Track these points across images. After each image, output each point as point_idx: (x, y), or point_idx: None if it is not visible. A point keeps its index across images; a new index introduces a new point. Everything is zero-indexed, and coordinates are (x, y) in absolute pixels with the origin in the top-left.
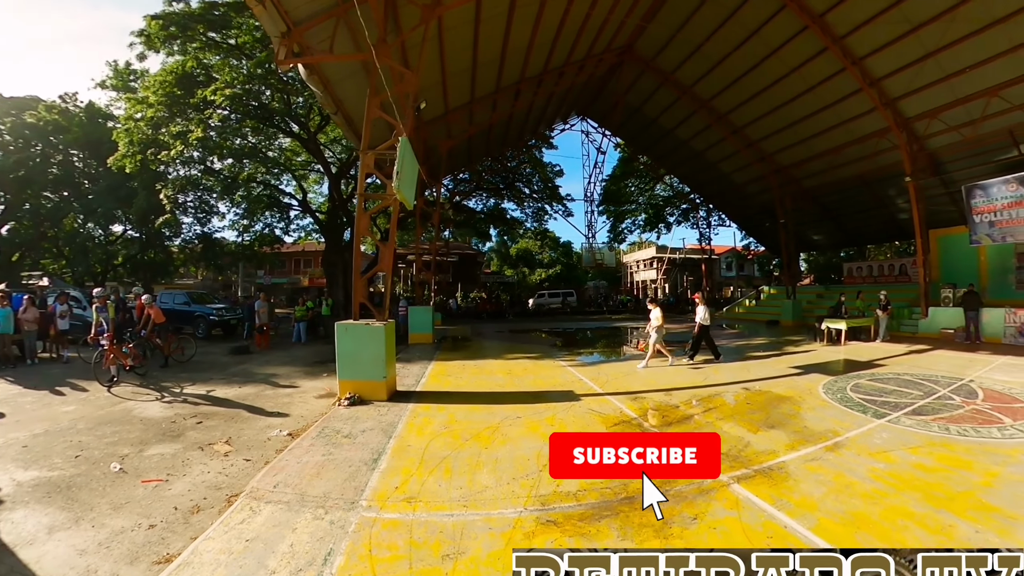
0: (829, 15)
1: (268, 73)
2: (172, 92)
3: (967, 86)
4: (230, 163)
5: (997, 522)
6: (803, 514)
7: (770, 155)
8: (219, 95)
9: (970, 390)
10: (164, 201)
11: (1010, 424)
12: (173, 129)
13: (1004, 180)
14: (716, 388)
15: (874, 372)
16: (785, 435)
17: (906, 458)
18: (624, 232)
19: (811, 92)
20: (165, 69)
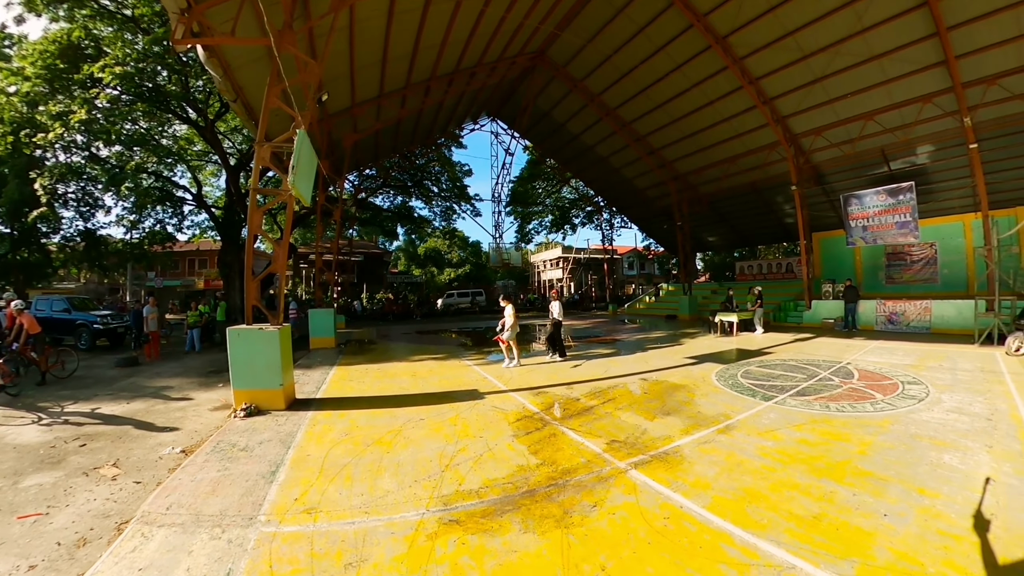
0: (732, 37)
1: (166, 51)
2: (54, 65)
3: (848, 110)
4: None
5: (871, 485)
6: (697, 494)
7: (670, 162)
8: (108, 72)
9: (847, 371)
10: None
11: (881, 399)
12: (53, 108)
13: (876, 191)
14: (616, 380)
15: (763, 359)
16: (680, 421)
17: (791, 435)
18: (531, 233)
19: (711, 106)
20: (47, 37)
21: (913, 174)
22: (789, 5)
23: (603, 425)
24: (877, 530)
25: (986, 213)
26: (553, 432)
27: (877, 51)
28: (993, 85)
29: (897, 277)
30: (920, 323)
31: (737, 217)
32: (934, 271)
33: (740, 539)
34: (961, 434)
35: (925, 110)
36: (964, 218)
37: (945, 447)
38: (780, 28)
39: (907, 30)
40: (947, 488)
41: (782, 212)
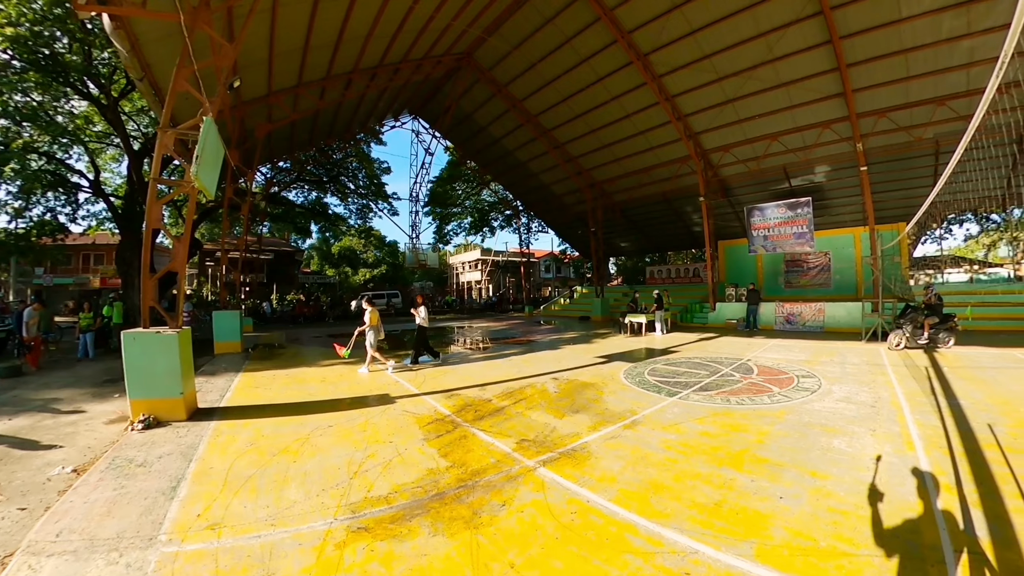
0: (652, 55)
1: (68, 16)
2: None
3: (755, 130)
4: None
5: (768, 471)
6: (604, 488)
7: (587, 170)
8: None
9: (747, 367)
10: None
11: (778, 392)
12: None
13: (776, 204)
14: (529, 380)
15: (669, 357)
16: (589, 418)
17: (694, 428)
18: (450, 234)
19: (628, 119)
20: None
21: (811, 190)
22: (708, 30)
23: (514, 425)
24: (774, 512)
25: (873, 227)
26: (464, 434)
27: (785, 79)
28: (883, 117)
29: (795, 282)
30: (815, 323)
31: (649, 225)
32: (828, 277)
33: (645, 529)
34: (849, 420)
35: (824, 134)
36: (854, 231)
37: (835, 433)
38: (699, 51)
39: (812, 63)
40: (836, 470)
41: (690, 221)
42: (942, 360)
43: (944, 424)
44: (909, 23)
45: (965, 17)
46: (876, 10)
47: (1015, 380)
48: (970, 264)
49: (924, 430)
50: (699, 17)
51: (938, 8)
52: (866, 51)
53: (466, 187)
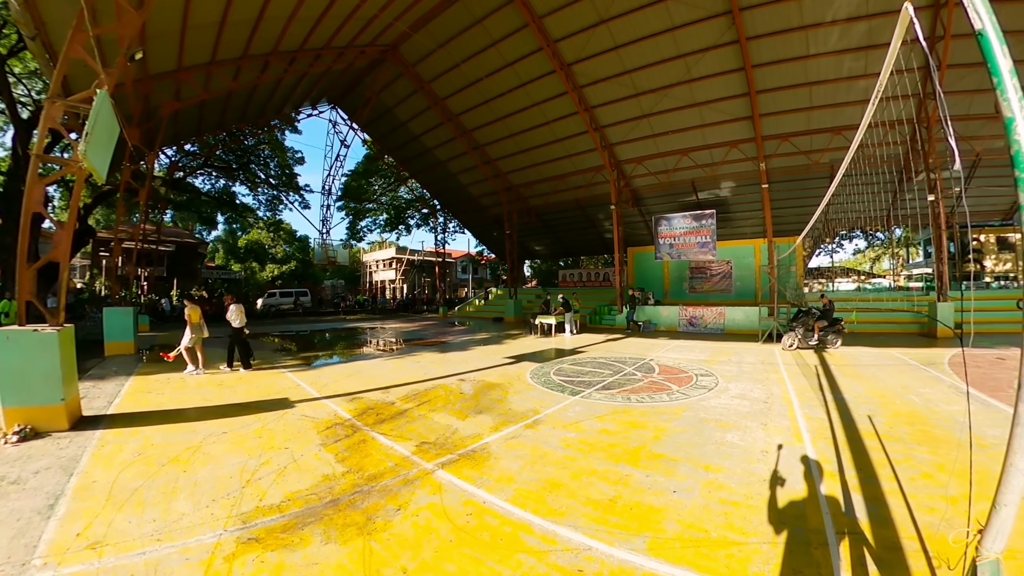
0: (576, 66)
1: None
2: None
3: (668, 145)
4: None
5: (664, 466)
6: (501, 488)
7: (504, 173)
8: None
9: (649, 367)
10: None
11: (676, 390)
12: None
13: (683, 215)
14: (435, 381)
15: (575, 358)
16: (491, 419)
17: (594, 426)
18: (363, 230)
19: (547, 126)
20: None
21: (716, 203)
22: (631, 47)
23: (415, 428)
24: (668, 506)
25: (771, 239)
26: (363, 438)
27: (699, 99)
28: (786, 141)
29: (699, 287)
30: (716, 325)
31: (563, 229)
32: (729, 283)
33: (540, 528)
34: (742, 416)
35: (731, 153)
36: (754, 242)
37: (729, 428)
38: (620, 65)
39: (726, 87)
40: (729, 463)
41: (603, 228)
42: (830, 359)
43: (830, 417)
44: (815, 59)
45: (864, 60)
46: (787, 45)
47: (892, 376)
48: (857, 275)
49: (811, 423)
50: (624, 34)
51: (841, 50)
52: (775, 80)
53: (383, 183)
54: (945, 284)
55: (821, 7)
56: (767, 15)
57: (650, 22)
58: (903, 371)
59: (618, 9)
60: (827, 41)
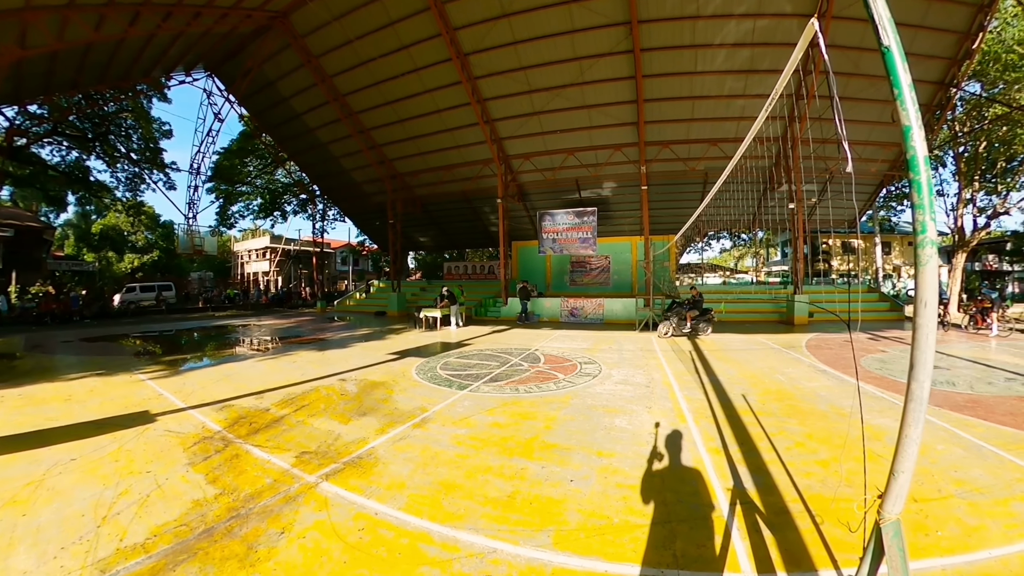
0: (473, 57)
1: None
2: None
3: (556, 143)
4: None
5: (558, 456)
6: (393, 496)
7: (390, 160)
8: None
9: (535, 357)
10: None
11: (563, 378)
12: None
13: (566, 212)
14: (313, 383)
15: (462, 351)
16: (377, 420)
17: (484, 420)
18: (235, 217)
19: (438, 114)
20: None
21: (598, 202)
22: (530, 44)
23: (293, 436)
24: (567, 496)
25: (647, 237)
26: (236, 452)
27: (590, 102)
28: (666, 148)
29: (579, 280)
30: (596, 315)
31: (448, 221)
32: (608, 277)
33: (440, 535)
34: (628, 400)
35: (615, 155)
36: (632, 239)
37: (616, 413)
38: (517, 61)
39: (616, 93)
40: (620, 447)
41: (488, 221)
42: (702, 345)
43: (708, 397)
44: (701, 76)
45: (744, 82)
46: (678, 60)
47: (759, 359)
48: (724, 270)
49: (692, 403)
50: (524, 30)
51: (725, 70)
52: (663, 91)
53: (258, 164)
54: (800, 279)
55: (712, 30)
56: (663, 30)
57: (551, 22)
58: (768, 354)
59: (522, 5)
60: (713, 61)
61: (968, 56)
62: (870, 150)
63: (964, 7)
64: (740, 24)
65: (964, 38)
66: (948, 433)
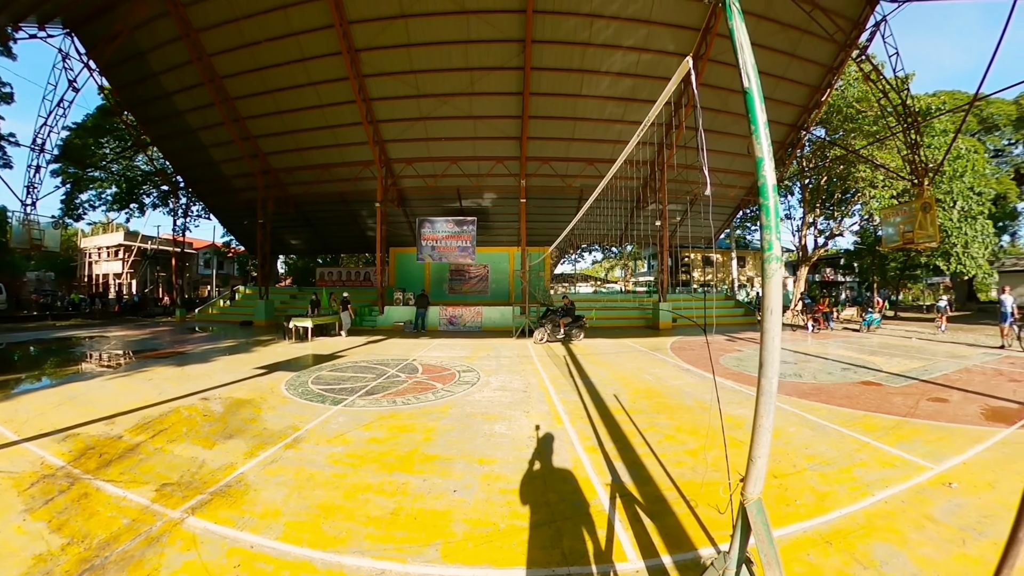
0: (364, 54)
1: None
2: None
3: (440, 150)
4: None
5: (439, 467)
6: (268, 525)
7: (265, 154)
8: None
9: (413, 367)
10: None
11: (441, 388)
12: None
13: (446, 220)
14: (172, 403)
15: (335, 363)
16: (245, 443)
17: (361, 436)
18: (84, 206)
19: (320, 110)
20: None
21: (478, 211)
22: (423, 49)
23: (152, 466)
24: (451, 507)
25: (524, 248)
26: (85, 491)
27: (477, 113)
28: (546, 164)
29: (458, 288)
30: (474, 323)
31: (323, 224)
32: (486, 285)
33: (323, 562)
34: (506, 406)
35: (497, 167)
36: (510, 249)
37: (495, 419)
38: (408, 64)
39: (503, 107)
40: (501, 453)
41: (365, 225)
42: (576, 350)
43: (582, 399)
44: (584, 99)
45: (623, 108)
46: (565, 81)
47: (629, 361)
48: (596, 280)
49: (568, 406)
50: (420, 34)
51: (607, 96)
52: (548, 110)
53: (116, 146)
54: (664, 289)
55: (600, 58)
56: (555, 52)
57: (449, 30)
58: (637, 356)
59: (422, 8)
60: (598, 86)
61: (817, 106)
62: (730, 177)
63: (818, 66)
64: (626, 56)
65: (815, 91)
66: (798, 417)
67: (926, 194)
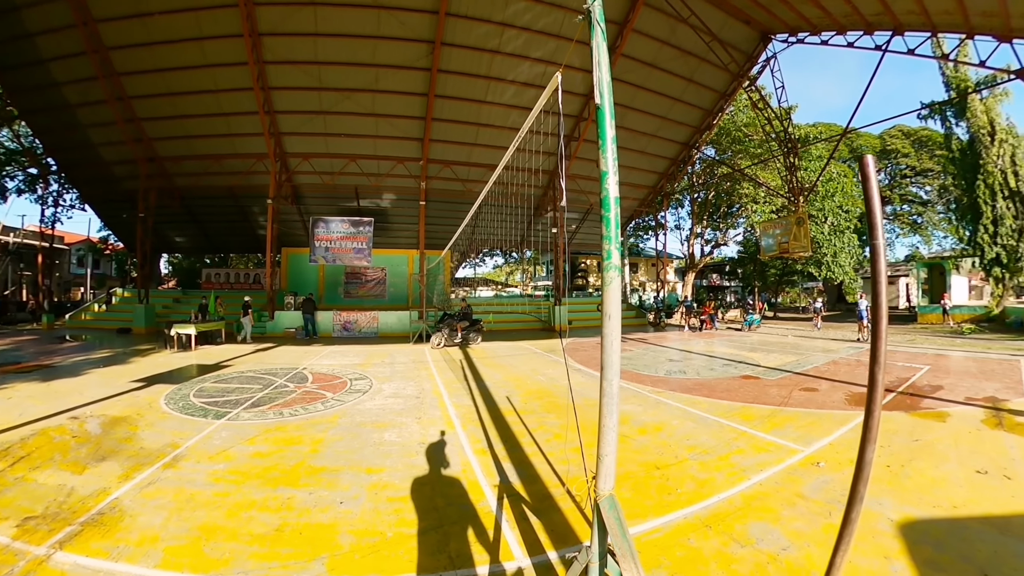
0: (267, 38)
1: None
2: None
3: (339, 147)
4: None
5: (326, 479)
6: (146, 553)
7: (150, 139)
8: None
9: (303, 376)
10: None
11: (331, 397)
12: None
13: (342, 220)
14: (36, 425)
15: (220, 373)
16: (119, 465)
17: (244, 451)
18: None
19: (215, 95)
20: None
21: (376, 212)
22: (330, 39)
23: (13, 499)
24: (338, 520)
25: (423, 251)
26: None
27: (380, 111)
28: (448, 167)
29: (354, 292)
30: (370, 329)
31: (211, 220)
32: (383, 289)
33: None
34: (397, 413)
35: (397, 168)
36: (409, 252)
37: (385, 427)
38: (313, 54)
39: (407, 106)
40: (390, 461)
41: (257, 223)
42: (473, 354)
43: (475, 402)
44: (489, 106)
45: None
46: (471, 87)
47: (524, 363)
48: (496, 284)
49: (460, 410)
50: (329, 24)
51: (512, 104)
52: (452, 113)
53: None
54: (561, 293)
55: (508, 67)
56: (464, 57)
57: (358, 22)
58: (532, 358)
59: None
60: (503, 94)
61: (709, 128)
62: (625, 189)
63: (712, 92)
64: (533, 67)
65: (708, 114)
66: (681, 411)
67: (801, 210)
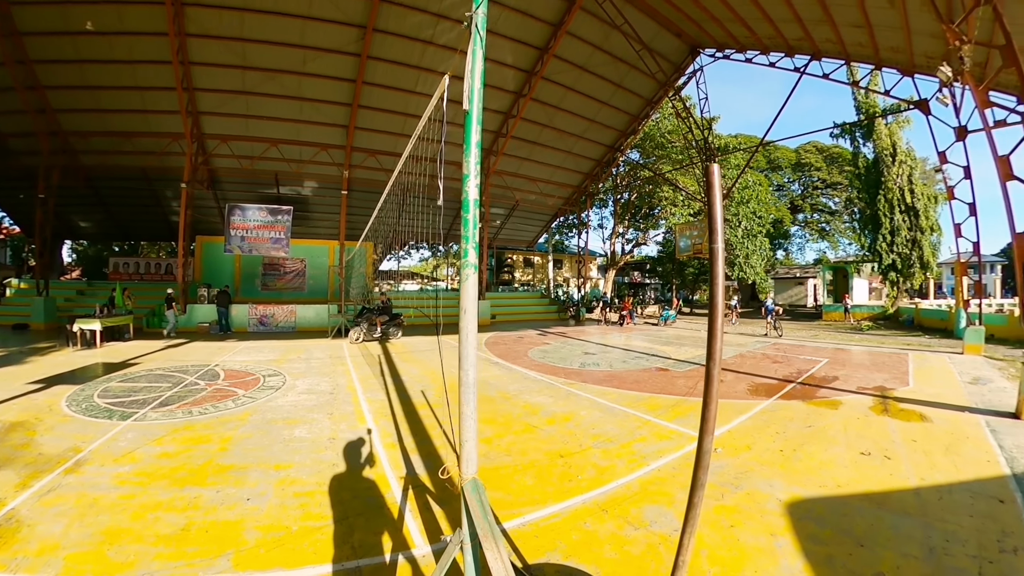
0: (191, 9)
1: None
2: None
3: (260, 130)
4: None
5: (233, 477)
6: (46, 564)
7: (55, 111)
8: None
9: (214, 373)
10: None
11: (243, 394)
12: None
13: (259, 207)
14: None
15: (127, 372)
16: (15, 473)
17: (151, 452)
18: None
19: (130, 66)
20: None
21: (297, 200)
22: (258, 16)
23: None
24: (244, 516)
25: (343, 242)
26: None
27: (306, 95)
28: (373, 156)
29: (272, 284)
30: (287, 323)
31: (121, 204)
32: (303, 281)
33: None
34: (309, 410)
35: (321, 155)
36: (329, 243)
37: (296, 423)
38: (239, 30)
39: (334, 92)
40: (298, 457)
41: (170, 209)
42: (391, 348)
43: (389, 397)
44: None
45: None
46: (402, 76)
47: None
48: (423, 278)
49: (374, 405)
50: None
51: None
52: (379, 101)
53: None
54: (484, 287)
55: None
56: (394, 44)
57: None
58: (451, 353)
59: None
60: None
61: (634, 132)
62: (551, 187)
63: (639, 98)
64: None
65: (634, 119)
66: (590, 401)
67: None
